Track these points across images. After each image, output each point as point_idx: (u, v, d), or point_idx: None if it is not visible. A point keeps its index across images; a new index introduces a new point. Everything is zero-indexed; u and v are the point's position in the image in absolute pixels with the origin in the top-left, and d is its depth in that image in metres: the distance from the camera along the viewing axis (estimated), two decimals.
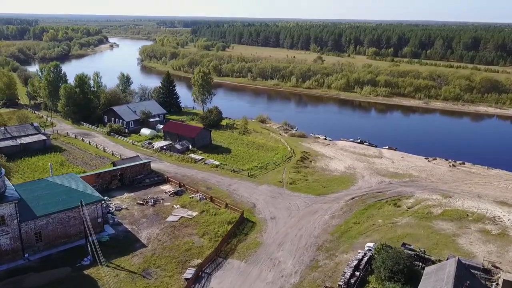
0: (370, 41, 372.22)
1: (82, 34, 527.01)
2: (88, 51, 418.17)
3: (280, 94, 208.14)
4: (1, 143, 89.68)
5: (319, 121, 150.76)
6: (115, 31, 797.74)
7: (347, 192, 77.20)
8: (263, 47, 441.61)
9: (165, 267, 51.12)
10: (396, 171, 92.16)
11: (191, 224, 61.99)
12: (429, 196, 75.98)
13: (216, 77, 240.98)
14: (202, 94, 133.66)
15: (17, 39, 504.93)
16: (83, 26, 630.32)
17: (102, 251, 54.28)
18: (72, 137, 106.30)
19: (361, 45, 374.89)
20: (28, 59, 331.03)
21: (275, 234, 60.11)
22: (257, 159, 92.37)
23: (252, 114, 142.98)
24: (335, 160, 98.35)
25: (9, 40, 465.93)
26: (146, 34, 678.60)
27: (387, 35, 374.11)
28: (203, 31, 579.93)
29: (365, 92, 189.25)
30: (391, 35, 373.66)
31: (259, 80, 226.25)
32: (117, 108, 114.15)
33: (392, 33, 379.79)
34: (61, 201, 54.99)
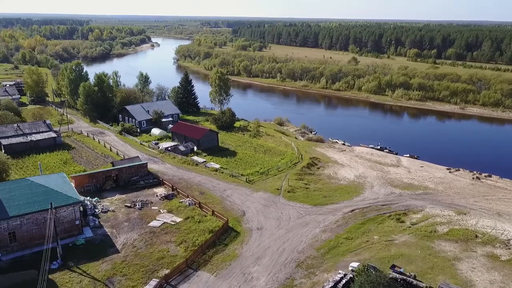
0: (412, 42, 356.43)
1: (126, 34, 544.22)
2: (129, 51, 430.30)
3: (308, 95, 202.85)
4: (12, 140, 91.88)
5: (343, 125, 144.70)
6: (160, 31, 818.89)
7: (348, 203, 72.03)
8: (301, 47, 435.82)
9: (131, 276, 48.99)
10: (410, 182, 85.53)
11: (172, 231, 59.65)
12: (440, 212, 69.33)
13: (246, 78, 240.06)
14: (219, 95, 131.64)
15: (66, 38, 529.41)
16: (127, 26, 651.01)
17: (75, 254, 53.46)
18: (85, 135, 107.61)
19: (402, 46, 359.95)
20: (71, 57, 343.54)
21: (257, 246, 56.49)
22: (261, 163, 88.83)
23: (275, 115, 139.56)
24: (346, 168, 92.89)
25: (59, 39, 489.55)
26: (188, 34, 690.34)
27: (430, 35, 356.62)
28: (243, 31, 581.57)
29: (397, 96, 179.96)
30: (434, 35, 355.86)
31: (288, 81, 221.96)
32: (130, 107, 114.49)
33: (436, 34, 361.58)
34: (37, 202, 54.33)
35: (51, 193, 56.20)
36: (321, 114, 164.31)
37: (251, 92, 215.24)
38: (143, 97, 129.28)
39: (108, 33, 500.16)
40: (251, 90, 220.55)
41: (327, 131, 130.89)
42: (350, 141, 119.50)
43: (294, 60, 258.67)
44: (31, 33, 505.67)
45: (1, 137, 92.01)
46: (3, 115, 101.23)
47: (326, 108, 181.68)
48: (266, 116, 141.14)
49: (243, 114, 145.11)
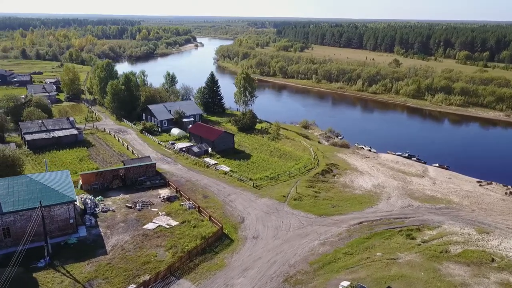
0: (463, 43, 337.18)
1: (172, 34, 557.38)
2: (173, 50, 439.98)
3: (343, 98, 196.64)
4: (35, 135, 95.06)
5: (374, 130, 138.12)
6: (206, 31, 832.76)
7: (357, 214, 67.60)
8: (345, 48, 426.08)
9: (112, 280, 48.08)
10: (433, 194, 79.38)
11: (165, 235, 58.39)
12: (459, 229, 63.39)
13: (281, 79, 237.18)
14: (244, 96, 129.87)
15: (116, 38, 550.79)
16: (174, 27, 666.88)
17: (64, 253, 53.48)
18: (107, 133, 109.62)
19: (452, 48, 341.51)
20: (117, 56, 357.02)
21: (247, 256, 53.89)
22: (273, 168, 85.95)
23: (304, 118, 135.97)
24: (365, 176, 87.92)
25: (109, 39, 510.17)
26: (233, 35, 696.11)
27: (482, 37, 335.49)
28: (287, 31, 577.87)
29: (437, 100, 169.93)
30: (488, 37, 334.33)
31: (324, 82, 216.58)
32: (153, 106, 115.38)
33: (489, 35, 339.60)
34: (32, 199, 54.89)
35: (47, 191, 56.67)
36: (353, 117, 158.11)
37: (285, 93, 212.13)
38: (168, 97, 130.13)
39: (154, 33, 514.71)
40: (285, 91, 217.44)
41: (356, 136, 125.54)
42: (378, 147, 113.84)
43: (333, 61, 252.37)
44: (84, 33, 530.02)
45: (26, 132, 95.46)
46: (31, 111, 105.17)
47: (360, 111, 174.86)
48: (294, 118, 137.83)
49: (271, 116, 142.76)
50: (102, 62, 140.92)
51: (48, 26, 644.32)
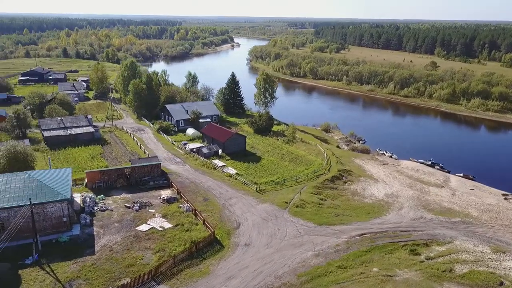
0: (510, 45, 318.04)
1: (209, 34, 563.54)
2: (209, 50, 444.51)
3: (373, 101, 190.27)
4: (53, 132, 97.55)
5: (401, 135, 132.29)
6: (245, 31, 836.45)
7: (361, 225, 63.93)
8: (383, 50, 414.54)
9: (92, 281, 47.57)
10: (450, 206, 74.13)
11: (156, 237, 57.48)
12: (471, 247, 58.49)
13: (312, 80, 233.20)
14: (264, 97, 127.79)
15: (156, 38, 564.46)
16: (211, 27, 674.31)
17: (53, 252, 53.67)
18: (124, 132, 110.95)
19: (498, 50, 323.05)
20: (154, 56, 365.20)
21: (234, 264, 51.90)
22: (282, 172, 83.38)
23: (327, 120, 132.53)
24: (379, 184, 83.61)
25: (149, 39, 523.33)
26: (271, 35, 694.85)
27: None
28: (325, 32, 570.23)
29: (472, 105, 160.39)
30: None
31: (354, 84, 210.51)
32: (170, 106, 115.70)
33: None
34: (27, 196, 55.57)
35: (42, 189, 57.28)
36: (381, 121, 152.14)
37: (314, 95, 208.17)
38: (188, 97, 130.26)
39: (192, 33, 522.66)
40: (314, 92, 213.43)
41: (380, 141, 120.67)
42: (402, 154, 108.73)
43: (366, 62, 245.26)
44: (126, 33, 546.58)
45: (44, 129, 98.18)
46: (52, 108, 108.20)
47: (389, 115, 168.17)
48: (318, 120, 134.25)
49: (295, 117, 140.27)
50: (126, 62, 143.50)
51: (93, 27, 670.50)
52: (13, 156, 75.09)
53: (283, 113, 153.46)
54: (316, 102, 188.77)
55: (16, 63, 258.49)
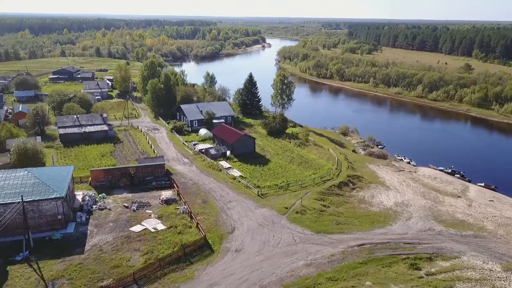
0: None
1: (241, 34, 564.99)
2: (239, 51, 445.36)
3: (399, 104, 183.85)
4: (68, 130, 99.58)
5: (423, 140, 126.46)
6: (278, 32, 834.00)
7: (362, 235, 60.94)
8: (418, 51, 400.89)
9: (75, 281, 47.40)
10: (464, 218, 69.72)
11: (147, 239, 56.89)
12: (480, 263, 54.48)
13: (338, 81, 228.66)
14: (281, 99, 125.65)
15: (189, 38, 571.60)
16: (243, 27, 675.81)
17: (44, 249, 54.09)
18: (138, 131, 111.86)
19: None
20: (184, 56, 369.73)
21: (220, 271, 50.43)
22: (288, 176, 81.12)
23: (348, 123, 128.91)
24: (391, 192, 79.90)
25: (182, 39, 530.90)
26: (304, 36, 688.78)
27: None
28: (359, 33, 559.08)
29: (505, 111, 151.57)
30: None
31: (381, 87, 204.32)
32: (185, 106, 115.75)
33: None
34: (23, 193, 56.32)
35: (38, 186, 57.99)
36: (405, 125, 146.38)
37: (339, 97, 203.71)
38: (206, 97, 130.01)
39: (224, 34, 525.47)
40: (340, 94, 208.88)
41: (400, 146, 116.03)
42: (422, 160, 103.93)
43: (396, 64, 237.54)
44: (160, 33, 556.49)
45: (60, 126, 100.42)
46: (70, 106, 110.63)
47: (414, 119, 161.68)
48: (339, 123, 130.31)
49: (314, 120, 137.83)
50: (146, 61, 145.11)
51: (130, 27, 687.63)
52: (23, 152, 76.96)
53: (303, 115, 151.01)
54: (340, 104, 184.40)
55: (51, 61, 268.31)
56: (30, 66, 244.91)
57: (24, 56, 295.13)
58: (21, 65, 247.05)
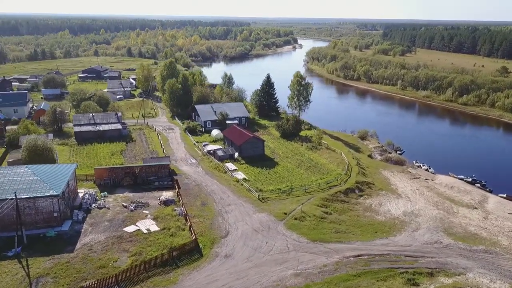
0: None
1: (272, 35, 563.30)
2: (269, 52, 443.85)
3: (427, 108, 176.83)
4: (83, 128, 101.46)
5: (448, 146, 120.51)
6: (311, 33, 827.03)
7: (361, 245, 58.04)
8: (454, 53, 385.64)
9: (59, 280, 47.42)
10: (477, 231, 65.40)
11: (138, 240, 56.42)
12: (487, 282, 50.64)
13: (365, 83, 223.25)
14: (298, 100, 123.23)
15: (221, 38, 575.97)
16: (275, 28, 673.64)
17: (37, 246, 54.67)
18: (153, 130, 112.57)
19: None
20: (213, 56, 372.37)
21: (205, 276, 49.13)
22: (294, 180, 78.89)
23: (369, 127, 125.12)
24: (401, 200, 76.17)
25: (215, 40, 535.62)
26: (337, 37, 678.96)
27: None
28: (394, 34, 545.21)
29: None
30: None
31: (409, 89, 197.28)
32: (199, 106, 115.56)
33: None
34: (21, 190, 57.25)
35: (36, 183, 58.78)
36: (430, 130, 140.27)
37: (364, 100, 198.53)
38: (223, 97, 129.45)
39: (255, 35, 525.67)
40: (366, 97, 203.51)
41: (421, 152, 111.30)
42: (442, 167, 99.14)
43: (428, 66, 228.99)
44: (192, 33, 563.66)
45: (76, 124, 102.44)
46: (87, 105, 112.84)
47: (441, 124, 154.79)
48: (361, 126, 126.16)
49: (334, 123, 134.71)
50: (165, 61, 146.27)
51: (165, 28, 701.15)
52: (33, 149, 78.70)
53: (324, 117, 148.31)
54: (365, 107, 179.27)
55: (84, 61, 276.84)
56: (64, 65, 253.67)
57: (59, 55, 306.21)
58: (55, 64, 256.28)
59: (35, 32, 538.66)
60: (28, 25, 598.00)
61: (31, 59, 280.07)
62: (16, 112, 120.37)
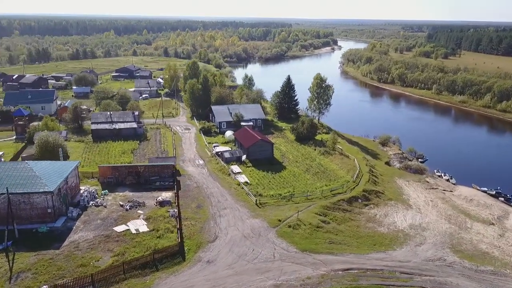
0: None
1: (311, 36, 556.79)
2: (306, 53, 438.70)
3: (463, 114, 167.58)
4: (99, 126, 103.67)
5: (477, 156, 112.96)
6: (353, 34, 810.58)
7: (354, 258, 54.82)
8: (504, 56, 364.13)
9: (38, 276, 47.84)
10: (488, 250, 60.31)
11: (124, 240, 56.20)
12: None
13: (399, 87, 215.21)
14: (318, 103, 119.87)
15: (260, 40, 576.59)
16: (315, 29, 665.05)
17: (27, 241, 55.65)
18: (169, 130, 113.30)
19: None
20: (248, 57, 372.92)
21: (181, 282, 47.94)
22: (298, 186, 76.31)
23: (394, 132, 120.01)
24: (411, 211, 71.79)
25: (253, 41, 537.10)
26: (380, 38, 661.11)
27: None
28: (439, 36, 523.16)
29: None
30: None
31: (445, 94, 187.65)
32: (216, 107, 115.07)
33: None
34: (17, 185, 58.68)
35: (33, 179, 59.97)
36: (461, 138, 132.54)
37: (396, 104, 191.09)
38: (242, 99, 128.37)
39: (293, 36, 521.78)
40: (398, 101, 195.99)
41: (446, 161, 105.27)
42: (466, 178, 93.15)
43: (468, 70, 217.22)
44: (232, 34, 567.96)
45: (93, 122, 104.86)
46: (107, 103, 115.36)
47: (475, 131, 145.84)
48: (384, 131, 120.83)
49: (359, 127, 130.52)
50: (188, 62, 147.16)
51: (206, 28, 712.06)
52: (44, 145, 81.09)
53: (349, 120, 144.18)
54: (394, 112, 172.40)
55: (121, 60, 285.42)
56: (102, 64, 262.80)
57: (100, 54, 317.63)
58: (94, 63, 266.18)
59: (83, 33, 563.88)
60: (78, 25, 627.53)
61: (73, 58, 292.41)
62: (44, 109, 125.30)
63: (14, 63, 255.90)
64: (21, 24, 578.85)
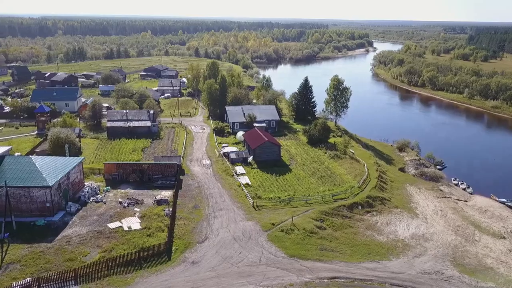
0: None
1: (346, 37, 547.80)
2: (339, 54, 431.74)
3: (495, 120, 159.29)
4: (115, 123, 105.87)
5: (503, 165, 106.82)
6: (390, 35, 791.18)
7: (343, 266, 52.96)
8: None
9: (26, 269, 49.13)
10: (493, 265, 56.84)
11: (115, 237, 56.90)
12: None
13: (429, 90, 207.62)
14: (334, 105, 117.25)
15: (294, 40, 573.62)
16: (350, 31, 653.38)
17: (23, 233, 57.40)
18: (183, 129, 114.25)
19: None
20: (279, 58, 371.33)
21: (160, 282, 47.86)
22: (299, 190, 74.72)
23: (416, 138, 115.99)
24: (416, 221, 68.73)
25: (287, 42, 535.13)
26: (418, 40, 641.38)
27: None
28: (482, 38, 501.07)
29: None
30: None
31: (477, 99, 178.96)
32: (230, 108, 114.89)
33: None
34: (18, 179, 60.81)
35: (33, 174, 61.91)
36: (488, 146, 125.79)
37: (424, 108, 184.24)
38: (258, 99, 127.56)
39: (327, 37, 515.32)
40: (427, 105, 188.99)
41: (467, 169, 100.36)
42: (485, 188, 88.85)
43: (506, 74, 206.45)
44: (266, 35, 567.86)
45: (109, 119, 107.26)
46: (125, 101, 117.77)
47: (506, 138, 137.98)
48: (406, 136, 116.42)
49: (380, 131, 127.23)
50: (208, 62, 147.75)
51: (241, 29, 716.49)
52: (56, 141, 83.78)
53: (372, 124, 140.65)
54: (421, 116, 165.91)
55: (152, 60, 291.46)
56: (133, 63, 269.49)
57: (133, 54, 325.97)
58: (126, 62, 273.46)
59: (121, 33, 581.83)
60: (117, 26, 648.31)
61: (107, 57, 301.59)
62: (67, 106, 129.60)
63: (52, 61, 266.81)
64: (65, 25, 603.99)
